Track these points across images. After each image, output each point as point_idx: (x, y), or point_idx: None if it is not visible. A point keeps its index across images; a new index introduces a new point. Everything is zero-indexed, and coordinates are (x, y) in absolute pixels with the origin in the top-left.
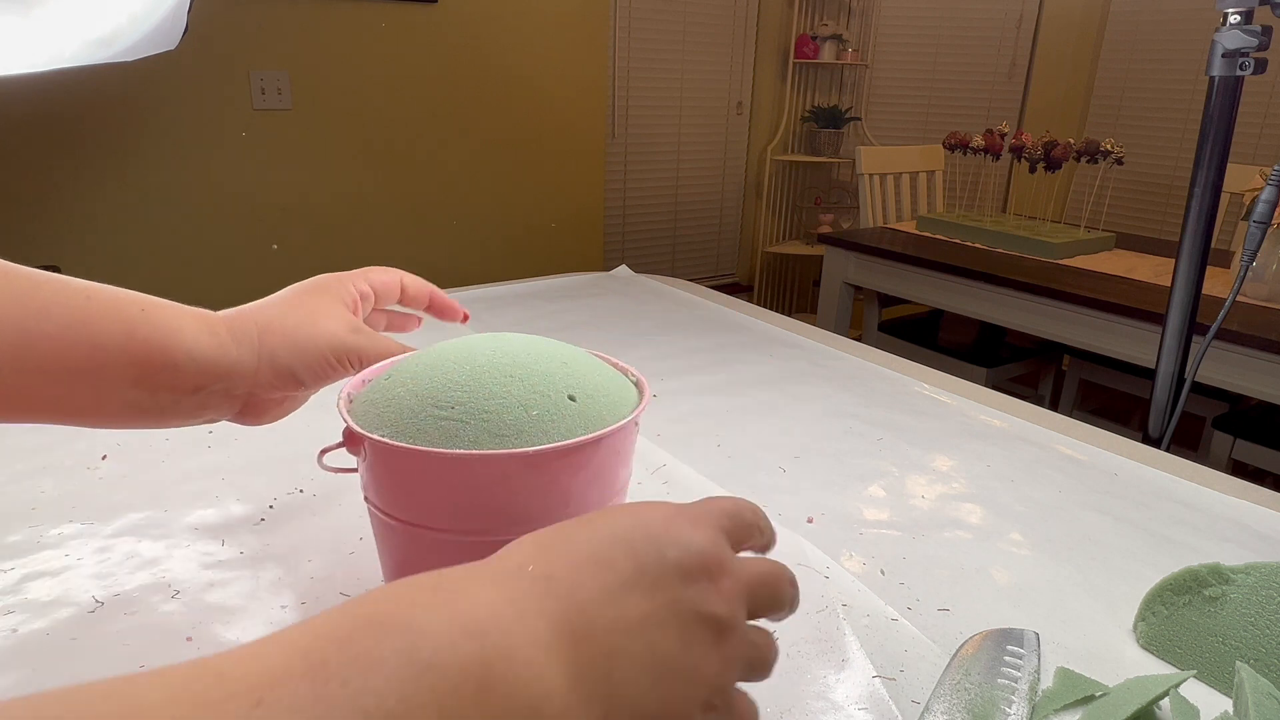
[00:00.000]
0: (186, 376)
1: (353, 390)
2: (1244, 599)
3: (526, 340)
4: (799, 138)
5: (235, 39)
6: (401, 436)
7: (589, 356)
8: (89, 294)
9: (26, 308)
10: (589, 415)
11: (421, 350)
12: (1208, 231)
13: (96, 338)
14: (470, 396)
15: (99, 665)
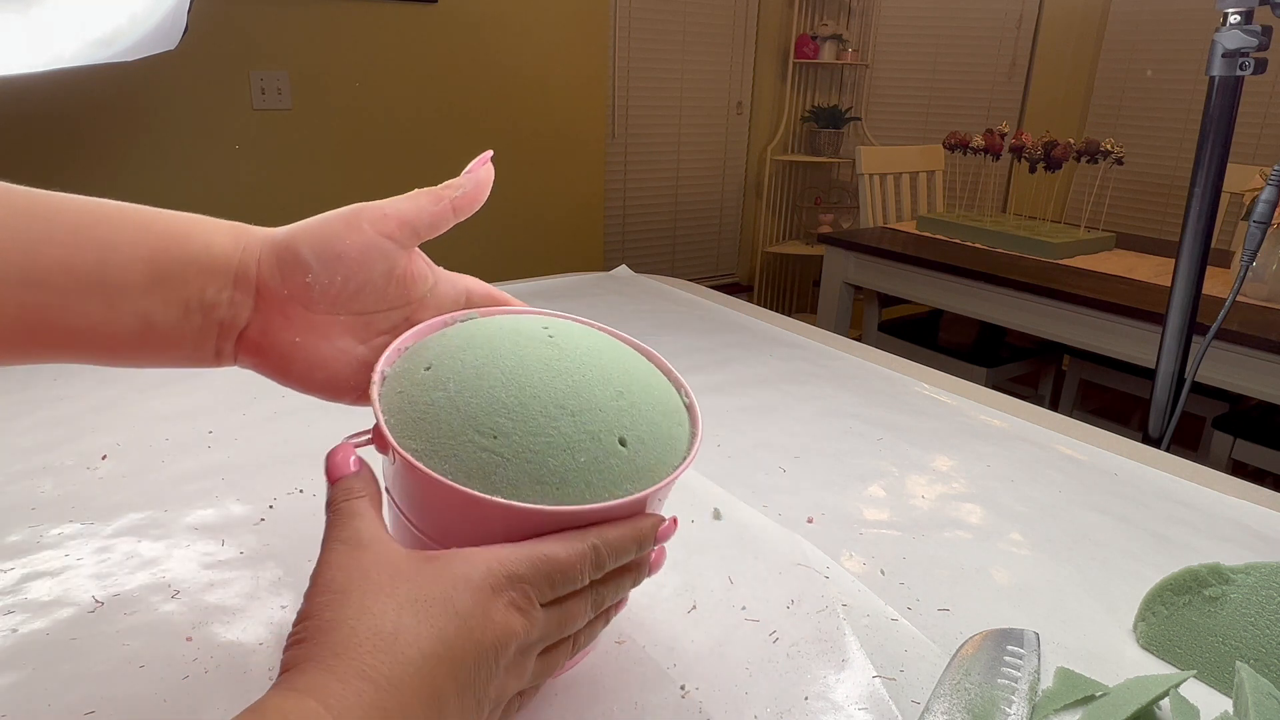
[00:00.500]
0: (202, 275)
1: (385, 367)
2: (1244, 599)
3: (584, 349)
4: (799, 138)
5: (235, 39)
6: (435, 457)
7: (646, 369)
8: (100, 200)
9: (31, 214)
10: (637, 465)
11: (467, 327)
12: (1208, 231)
13: (107, 237)
14: (516, 427)
15: (99, 665)
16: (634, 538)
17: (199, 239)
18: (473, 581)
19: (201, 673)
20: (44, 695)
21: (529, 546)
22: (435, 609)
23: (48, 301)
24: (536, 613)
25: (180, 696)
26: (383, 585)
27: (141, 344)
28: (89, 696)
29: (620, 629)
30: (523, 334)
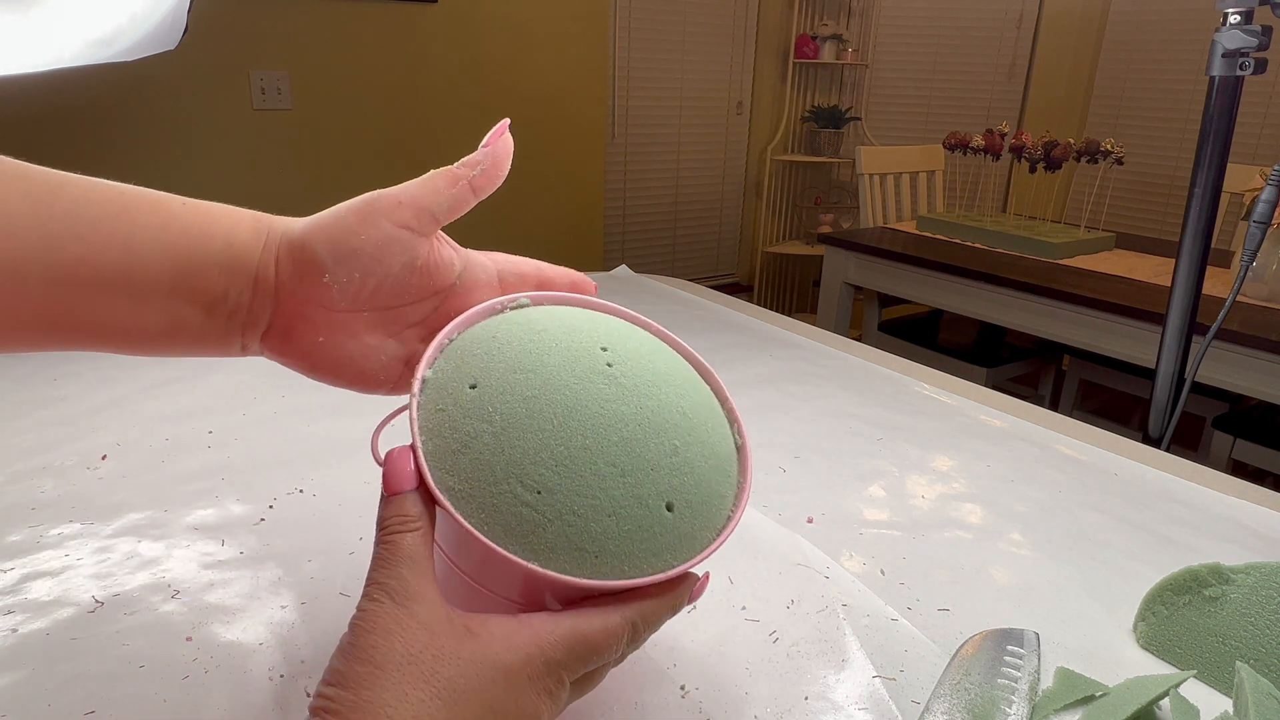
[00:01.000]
0: (225, 276)
1: (426, 371)
2: (1244, 599)
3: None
4: (799, 138)
5: (235, 39)
6: (473, 503)
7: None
8: (124, 190)
9: (53, 207)
10: (681, 531)
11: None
12: (1208, 231)
13: (130, 235)
14: (562, 484)
15: (99, 665)
16: (670, 606)
17: (221, 237)
18: (511, 672)
19: (201, 673)
20: (44, 695)
21: (567, 624)
22: (471, 702)
23: (73, 297)
24: (565, 691)
25: (180, 696)
26: (423, 669)
27: (168, 339)
28: (89, 696)
29: None
30: (580, 361)
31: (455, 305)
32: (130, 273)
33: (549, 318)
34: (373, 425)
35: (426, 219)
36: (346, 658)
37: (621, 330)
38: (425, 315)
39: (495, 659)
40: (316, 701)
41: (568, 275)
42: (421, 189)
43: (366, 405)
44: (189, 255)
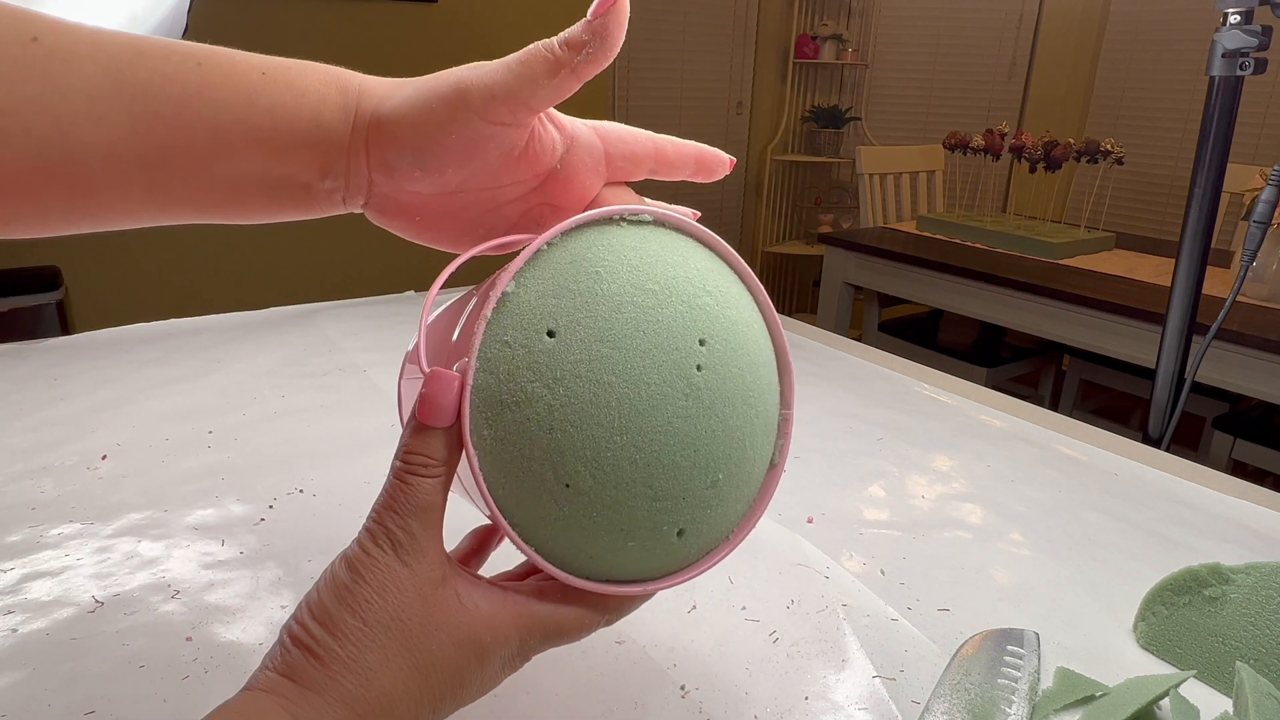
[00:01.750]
0: (316, 157)
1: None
2: (1244, 599)
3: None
4: (799, 138)
5: (235, 39)
6: (499, 465)
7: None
8: (199, 59)
9: (134, 85)
10: (684, 554)
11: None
12: (1208, 231)
13: (214, 117)
14: (594, 487)
15: (99, 665)
16: (645, 598)
17: (307, 119)
18: (486, 654)
19: (201, 673)
20: (44, 695)
21: (546, 612)
22: (444, 675)
23: (174, 178)
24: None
25: (180, 696)
26: (409, 636)
27: (270, 209)
28: (89, 696)
29: (620, 629)
30: (671, 355)
31: (555, 188)
32: (222, 155)
33: (661, 266)
34: (372, 425)
35: (523, 113)
36: (337, 600)
37: (727, 311)
38: (523, 195)
39: (476, 641)
40: (295, 629)
41: (692, 153)
42: (518, 79)
43: (366, 405)
44: (277, 139)
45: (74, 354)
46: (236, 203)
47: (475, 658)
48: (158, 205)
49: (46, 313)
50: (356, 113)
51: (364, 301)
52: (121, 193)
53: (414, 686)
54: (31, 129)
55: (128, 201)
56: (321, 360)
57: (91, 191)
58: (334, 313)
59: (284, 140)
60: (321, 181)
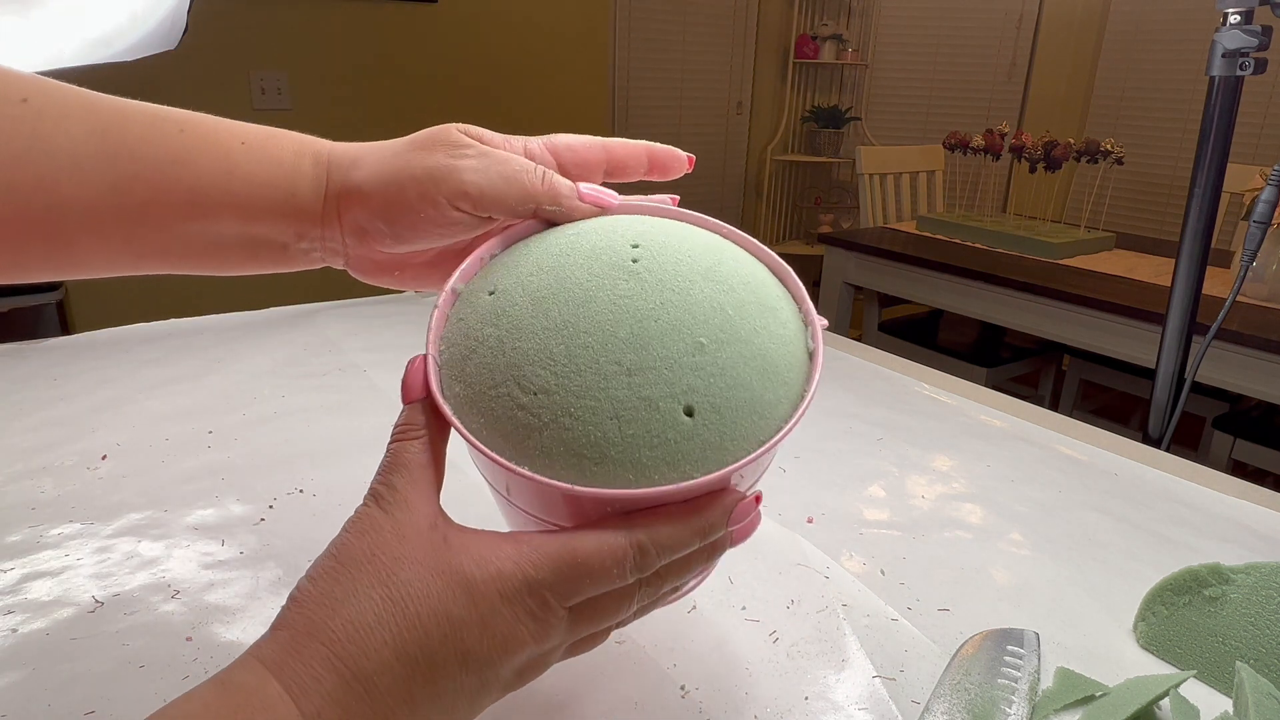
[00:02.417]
0: (291, 224)
1: (460, 284)
2: (1244, 599)
3: (673, 277)
4: (799, 137)
5: (235, 39)
6: (473, 409)
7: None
8: (182, 125)
9: (119, 146)
10: (705, 440)
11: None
12: (1208, 231)
13: (194, 181)
14: (559, 384)
15: (99, 665)
16: (695, 531)
17: (283, 186)
18: (474, 586)
19: (201, 673)
20: (44, 695)
21: (557, 542)
22: (426, 610)
23: (148, 232)
24: (556, 621)
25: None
26: (381, 568)
27: (250, 262)
28: (89, 696)
29: (620, 629)
30: (603, 256)
31: None
32: (198, 215)
33: (597, 222)
34: (372, 425)
35: (486, 213)
36: (323, 554)
37: (674, 229)
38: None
39: (458, 569)
40: (292, 591)
41: (643, 151)
42: (493, 190)
43: (366, 405)
44: (254, 205)
45: (74, 354)
46: (213, 258)
47: (460, 590)
48: (135, 257)
49: (46, 313)
50: (327, 182)
51: (364, 301)
52: (100, 245)
53: (388, 615)
54: (14, 183)
55: (106, 253)
56: (321, 360)
57: (70, 243)
58: (334, 313)
59: (260, 207)
60: (298, 243)
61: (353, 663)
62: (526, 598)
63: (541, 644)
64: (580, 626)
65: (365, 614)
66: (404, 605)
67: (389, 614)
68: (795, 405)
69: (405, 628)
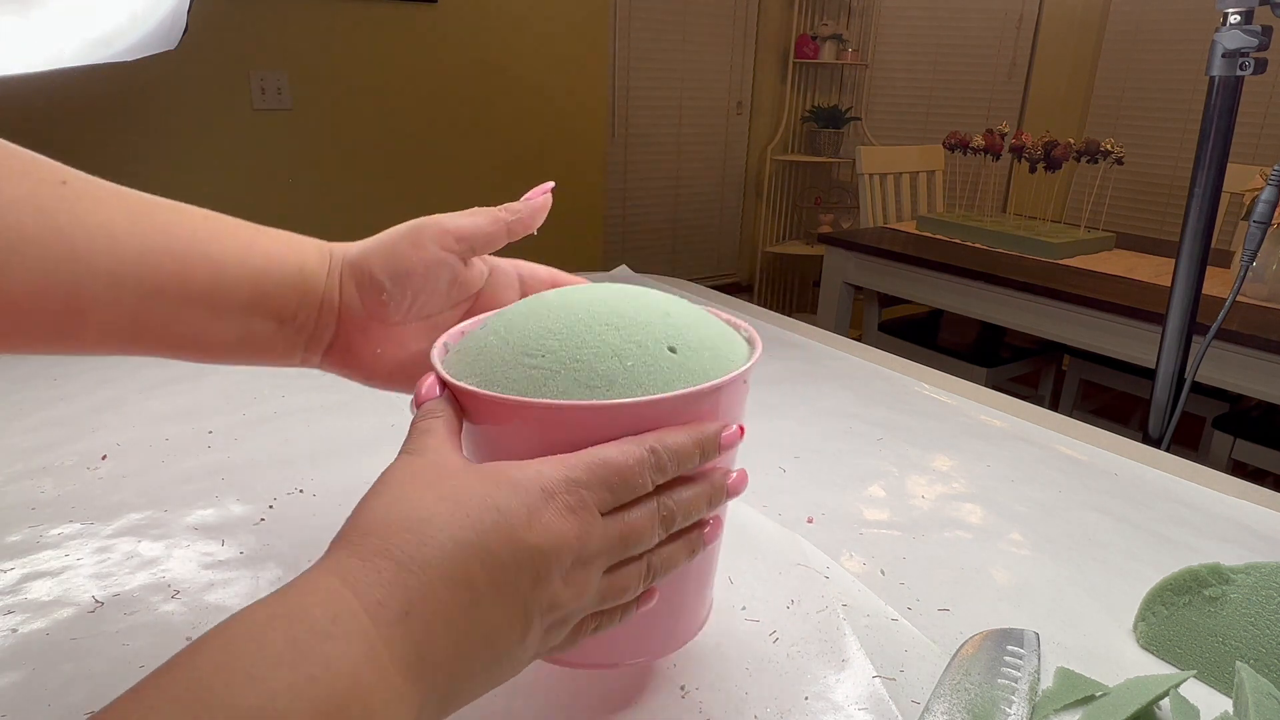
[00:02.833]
0: (296, 296)
1: (449, 340)
2: (1244, 599)
3: (630, 290)
4: (799, 137)
5: (235, 39)
6: (489, 385)
7: (698, 310)
8: (207, 215)
9: (147, 227)
10: (691, 369)
11: (522, 300)
12: (1208, 231)
13: (218, 256)
14: (562, 345)
15: (99, 665)
16: (695, 441)
17: (294, 262)
18: (519, 483)
19: None
20: (44, 695)
21: (584, 453)
22: (474, 503)
23: (162, 309)
24: (594, 521)
25: None
26: (426, 480)
27: (237, 349)
28: (89, 696)
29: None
30: (571, 290)
31: (482, 306)
32: (215, 290)
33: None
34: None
35: (466, 247)
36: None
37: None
38: (459, 318)
39: (501, 470)
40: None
41: (583, 280)
42: (465, 220)
43: (366, 406)
44: (266, 277)
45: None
46: (213, 339)
47: (506, 485)
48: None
49: None
50: (331, 259)
51: None
52: (110, 318)
53: (440, 509)
54: (50, 254)
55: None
56: None
57: (82, 315)
58: None
59: (272, 279)
60: (295, 317)
61: (411, 550)
62: (565, 493)
63: (583, 545)
64: (614, 537)
65: (419, 509)
66: (454, 501)
67: (441, 509)
68: (751, 353)
69: (457, 517)
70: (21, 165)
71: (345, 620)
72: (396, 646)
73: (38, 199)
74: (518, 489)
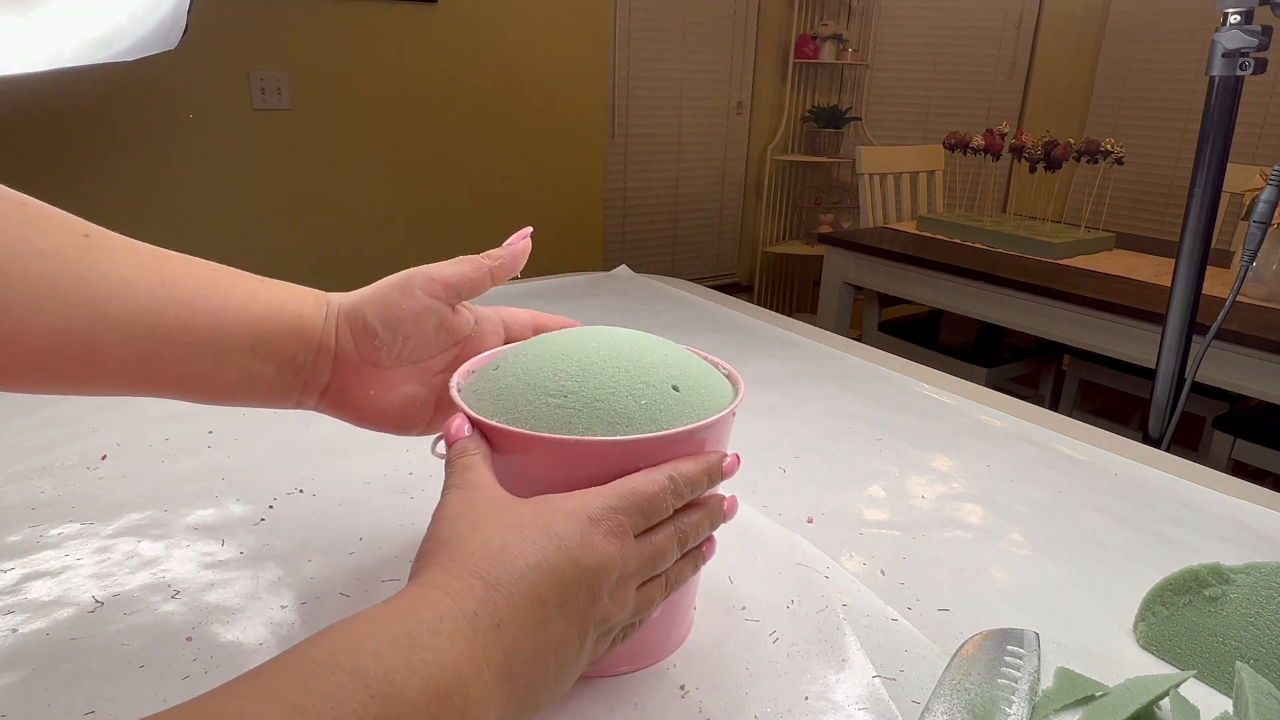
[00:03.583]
0: (295, 341)
1: (460, 380)
2: (1244, 599)
3: (627, 334)
4: (799, 138)
5: (235, 39)
6: (516, 423)
7: (683, 351)
8: (213, 266)
9: (159, 277)
10: (693, 404)
11: (524, 342)
12: (1208, 231)
13: (222, 304)
14: (581, 386)
15: (99, 665)
16: (704, 469)
17: (293, 309)
18: (570, 512)
19: (201, 673)
20: (44, 695)
21: (618, 483)
22: (536, 532)
23: (169, 353)
24: (631, 543)
25: (180, 696)
26: (491, 514)
27: (238, 391)
28: (89, 696)
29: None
30: (573, 333)
31: (470, 351)
32: (219, 335)
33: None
34: None
35: (453, 294)
36: (429, 528)
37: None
38: (448, 364)
39: (555, 504)
40: (414, 563)
41: (560, 321)
42: (451, 269)
43: None
44: (268, 324)
45: None
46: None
47: (558, 513)
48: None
49: None
50: (328, 306)
51: None
52: (125, 360)
53: (510, 538)
54: (72, 301)
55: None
56: None
57: (99, 356)
58: None
59: (273, 326)
60: (293, 361)
61: (495, 573)
62: (608, 519)
63: (625, 564)
64: (645, 556)
65: (493, 540)
66: (519, 530)
67: (511, 537)
68: (736, 391)
69: (526, 544)
70: (49, 220)
71: (449, 622)
72: (491, 652)
73: (63, 251)
74: (570, 518)
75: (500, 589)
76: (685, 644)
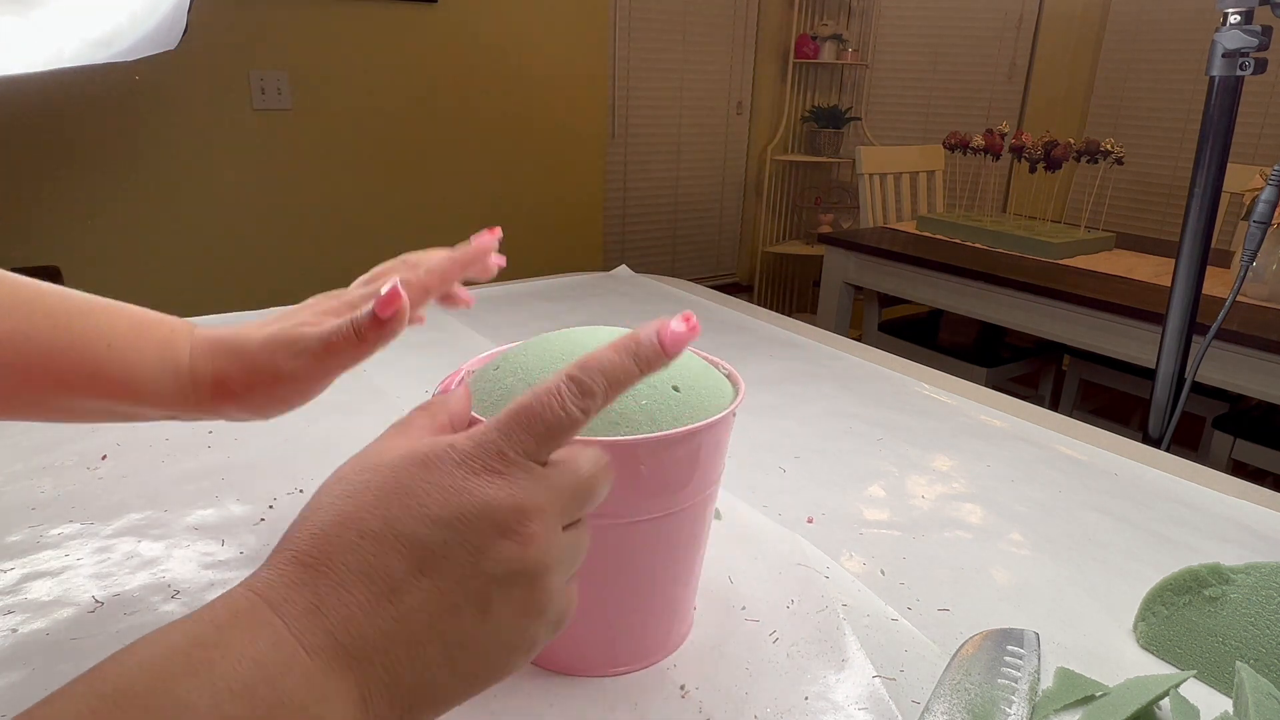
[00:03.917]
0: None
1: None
2: (1244, 599)
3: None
4: (799, 138)
5: (235, 39)
6: None
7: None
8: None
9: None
10: (693, 405)
11: (524, 342)
12: (1208, 231)
13: (76, 365)
14: None
15: None
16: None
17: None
18: (431, 461)
19: None
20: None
21: (500, 414)
22: (380, 494)
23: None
24: (526, 474)
25: None
26: (334, 484)
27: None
28: None
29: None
30: (571, 334)
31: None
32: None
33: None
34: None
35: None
36: None
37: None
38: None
39: (413, 451)
40: None
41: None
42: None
43: (366, 405)
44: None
45: None
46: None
47: (415, 465)
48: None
49: None
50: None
51: None
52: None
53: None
54: None
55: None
56: None
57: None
58: None
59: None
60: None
61: (313, 554)
62: (478, 457)
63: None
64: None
65: (324, 514)
66: (356, 496)
67: (346, 506)
68: (737, 391)
69: (364, 512)
70: None
71: (246, 614)
72: (311, 637)
73: None
74: (431, 468)
75: (321, 569)
76: (685, 644)
